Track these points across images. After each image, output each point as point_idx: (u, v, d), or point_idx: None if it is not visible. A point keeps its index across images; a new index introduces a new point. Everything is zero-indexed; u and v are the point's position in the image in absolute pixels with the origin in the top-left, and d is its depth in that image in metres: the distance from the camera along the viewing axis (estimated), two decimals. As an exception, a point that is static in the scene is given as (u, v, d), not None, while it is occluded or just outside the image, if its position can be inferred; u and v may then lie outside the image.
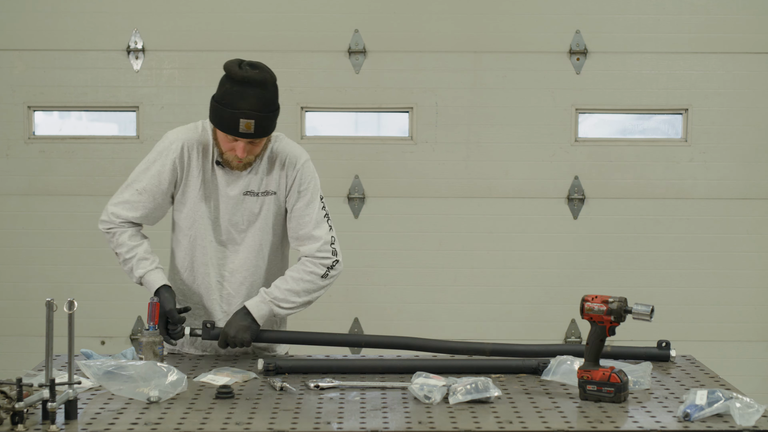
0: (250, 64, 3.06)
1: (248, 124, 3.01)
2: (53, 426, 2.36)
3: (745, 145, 5.57)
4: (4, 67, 5.54)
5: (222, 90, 3.06)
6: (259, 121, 3.03)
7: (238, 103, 3.01)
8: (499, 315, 5.59)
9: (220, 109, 3.04)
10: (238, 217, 3.23)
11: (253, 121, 3.01)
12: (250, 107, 3.01)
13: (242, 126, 3.01)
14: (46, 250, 5.59)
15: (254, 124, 3.02)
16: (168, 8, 5.52)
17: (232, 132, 3.04)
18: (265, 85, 3.04)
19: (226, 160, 3.14)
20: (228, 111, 3.02)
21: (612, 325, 2.71)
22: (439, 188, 5.58)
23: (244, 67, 3.04)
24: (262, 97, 3.02)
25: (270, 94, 3.06)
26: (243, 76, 3.00)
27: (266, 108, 3.04)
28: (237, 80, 3.01)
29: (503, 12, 5.54)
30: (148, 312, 3.08)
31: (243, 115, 3.00)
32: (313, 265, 3.23)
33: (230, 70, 3.04)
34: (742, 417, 2.45)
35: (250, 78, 3.01)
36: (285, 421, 2.50)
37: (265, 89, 3.04)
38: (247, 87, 3.01)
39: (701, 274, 5.60)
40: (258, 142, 3.11)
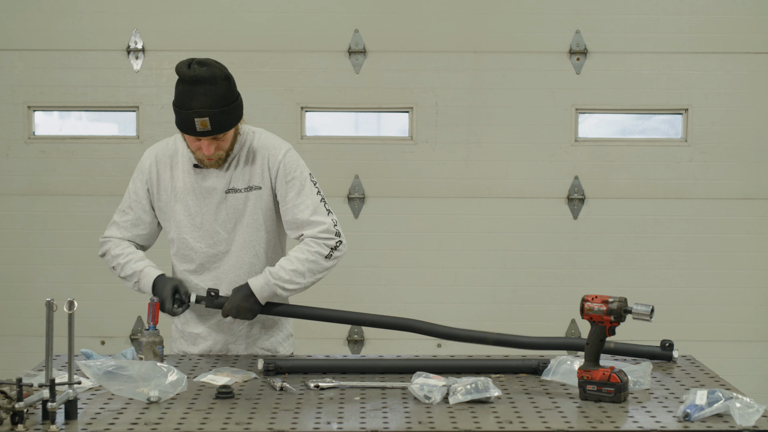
0: (199, 62, 3.06)
1: (203, 122, 3.02)
2: (53, 426, 2.36)
3: (745, 145, 5.57)
4: (4, 67, 5.54)
5: (176, 92, 3.08)
6: (214, 117, 3.03)
7: (190, 103, 3.02)
8: (499, 315, 5.59)
9: (177, 111, 3.07)
10: (223, 216, 3.23)
11: (207, 118, 3.02)
12: (202, 105, 3.01)
13: (198, 125, 3.03)
14: (46, 250, 5.59)
15: (209, 121, 3.02)
16: (168, 8, 5.52)
17: (191, 132, 3.06)
18: (215, 81, 3.03)
19: (199, 159, 3.17)
20: (183, 112, 3.04)
21: (612, 325, 2.71)
22: (439, 188, 5.58)
23: (193, 66, 3.04)
24: (212, 93, 3.03)
25: (221, 89, 3.05)
26: (191, 76, 3.01)
27: (219, 103, 3.04)
28: (186, 80, 3.03)
29: (503, 12, 5.54)
30: (148, 312, 3.09)
31: (196, 114, 3.02)
32: (316, 245, 3.19)
33: (179, 71, 3.05)
34: (742, 417, 2.45)
35: (198, 76, 3.01)
36: (285, 421, 2.50)
37: (214, 85, 3.03)
38: (197, 86, 3.02)
39: (701, 274, 5.60)
40: (223, 138, 3.11)
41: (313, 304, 5.81)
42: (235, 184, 3.22)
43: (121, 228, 3.30)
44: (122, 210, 3.31)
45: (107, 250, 3.30)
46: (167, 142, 3.31)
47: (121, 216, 3.30)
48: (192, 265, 3.27)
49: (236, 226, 3.24)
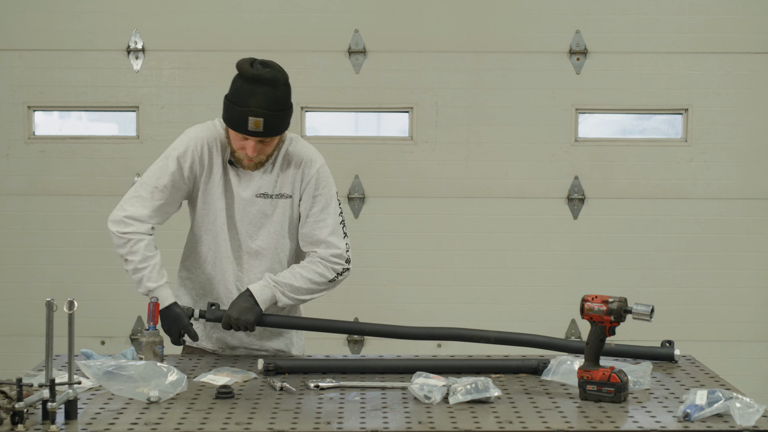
0: (262, 63, 3.06)
1: (257, 122, 3.00)
2: (53, 426, 2.36)
3: (745, 145, 5.57)
4: (4, 67, 5.54)
5: (233, 88, 3.05)
6: (268, 119, 3.01)
7: (247, 101, 3.00)
8: (499, 315, 5.59)
9: (230, 106, 3.04)
10: (249, 219, 3.21)
11: (262, 119, 3.00)
12: (259, 105, 3.00)
13: (251, 124, 3.00)
14: (46, 250, 5.59)
15: (263, 122, 3.00)
16: (168, 8, 5.52)
17: (241, 130, 3.03)
18: (276, 84, 3.03)
19: (238, 158, 3.13)
20: (238, 109, 3.01)
21: (612, 325, 2.71)
22: (439, 188, 5.58)
23: (256, 65, 3.04)
24: (271, 95, 3.01)
25: (280, 93, 3.04)
26: (254, 74, 3.00)
27: (276, 106, 3.02)
28: (248, 78, 3.01)
29: (503, 12, 5.54)
30: (148, 312, 3.09)
31: (252, 113, 2.99)
32: (324, 267, 3.23)
33: (242, 68, 3.03)
34: (742, 417, 2.45)
35: (260, 76, 3.00)
36: (285, 421, 2.50)
37: (275, 88, 3.03)
38: (257, 85, 3.00)
39: (701, 274, 5.60)
40: (268, 142, 3.09)
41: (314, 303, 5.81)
42: (266, 190, 3.20)
43: (147, 207, 3.12)
44: (155, 187, 3.13)
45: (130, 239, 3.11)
46: (213, 126, 3.20)
47: (152, 194, 3.12)
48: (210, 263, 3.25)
49: (260, 230, 3.22)
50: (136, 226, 3.11)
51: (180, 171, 3.14)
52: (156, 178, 3.14)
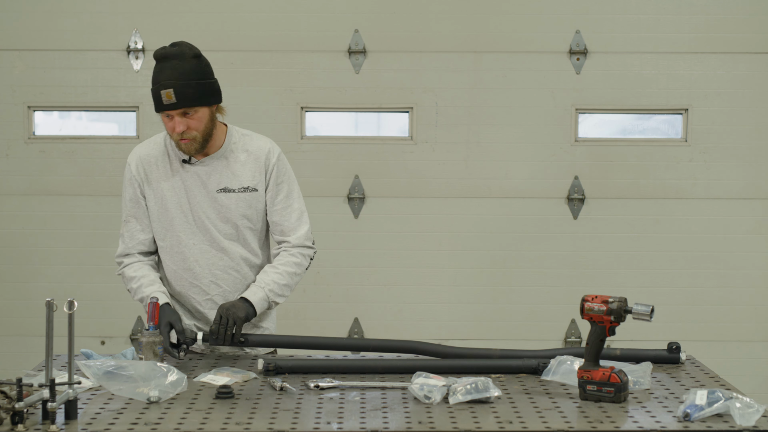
0: (172, 44, 3.21)
1: (168, 93, 3.11)
2: (53, 426, 2.36)
3: (745, 145, 5.57)
4: (4, 67, 5.54)
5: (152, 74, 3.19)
6: (179, 89, 3.11)
7: (157, 78, 3.14)
8: (499, 315, 5.59)
9: (151, 92, 3.17)
10: (214, 215, 3.26)
11: (172, 89, 3.11)
12: (168, 78, 3.12)
13: (164, 96, 3.12)
14: (46, 250, 5.59)
15: (174, 92, 3.10)
16: (168, 8, 5.52)
17: (159, 107, 3.15)
18: (182, 57, 3.16)
19: (179, 146, 3.20)
20: (152, 89, 3.15)
21: (612, 325, 2.71)
22: (439, 188, 5.58)
23: (166, 46, 3.19)
24: (178, 67, 3.13)
25: (188, 65, 3.15)
26: (161, 54, 3.16)
27: (184, 77, 3.13)
28: (157, 58, 3.17)
29: (503, 12, 5.54)
30: (148, 312, 3.09)
31: (162, 87, 3.12)
32: (301, 257, 3.33)
33: (154, 54, 3.19)
34: (742, 417, 2.45)
35: (166, 53, 3.15)
36: (285, 421, 2.50)
37: (182, 60, 3.15)
38: (165, 61, 3.14)
39: (701, 274, 5.60)
40: (193, 115, 3.16)
41: (313, 303, 5.85)
42: (227, 184, 3.26)
43: (126, 240, 3.32)
44: (124, 221, 3.33)
45: (122, 273, 3.33)
46: (153, 141, 3.34)
47: (123, 227, 3.33)
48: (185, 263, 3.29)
49: (230, 224, 3.28)
50: (125, 261, 3.32)
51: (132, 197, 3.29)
52: (123, 213, 3.33)
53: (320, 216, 5.50)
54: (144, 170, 3.28)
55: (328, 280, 5.60)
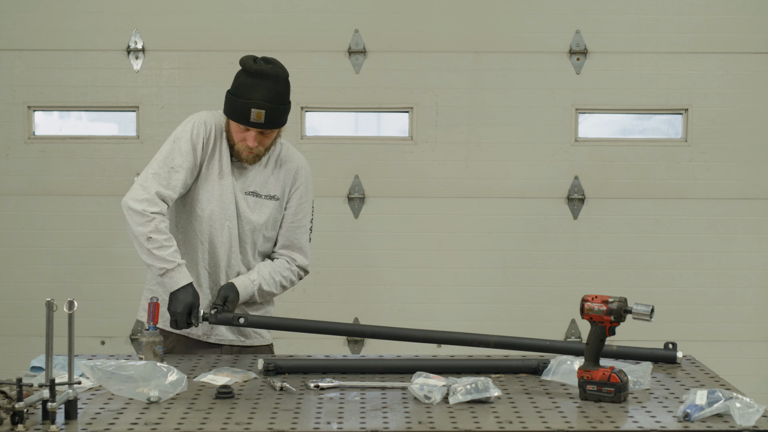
0: (265, 59, 3.25)
1: (259, 114, 3.15)
2: (53, 426, 2.36)
3: (745, 145, 5.57)
4: (4, 67, 5.54)
5: (237, 82, 3.22)
6: (270, 111, 3.17)
7: (250, 94, 3.16)
8: (499, 315, 5.59)
9: (233, 99, 3.19)
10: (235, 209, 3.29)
11: (264, 111, 3.15)
12: (262, 98, 3.15)
13: (253, 115, 3.16)
14: (46, 250, 5.59)
15: (264, 114, 3.16)
16: (168, 8, 5.52)
17: (244, 121, 3.17)
18: (278, 79, 3.20)
19: (237, 151, 3.25)
20: (240, 101, 3.17)
21: (612, 325, 2.71)
22: (439, 188, 5.58)
23: (259, 61, 3.22)
24: (273, 89, 3.18)
25: (281, 87, 3.21)
26: (257, 69, 3.18)
27: (277, 100, 3.18)
28: (251, 73, 3.18)
29: (503, 12, 5.54)
30: (148, 312, 3.08)
31: (254, 105, 3.15)
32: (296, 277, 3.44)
33: (245, 63, 3.22)
34: (742, 417, 2.45)
35: (263, 71, 3.18)
36: (285, 421, 2.50)
37: (277, 82, 3.20)
38: (260, 79, 3.17)
39: (701, 274, 5.60)
40: (268, 134, 3.23)
41: (314, 303, 5.85)
42: (255, 188, 3.32)
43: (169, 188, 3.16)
44: (171, 168, 3.17)
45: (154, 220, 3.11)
46: (215, 115, 3.30)
47: (169, 173, 3.17)
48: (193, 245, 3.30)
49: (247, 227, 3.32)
50: (161, 206, 3.15)
51: (194, 152, 3.22)
52: (171, 158, 3.19)
53: (320, 216, 5.48)
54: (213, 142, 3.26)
55: (328, 280, 5.60)
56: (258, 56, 3.26)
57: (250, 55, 3.25)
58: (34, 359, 3.00)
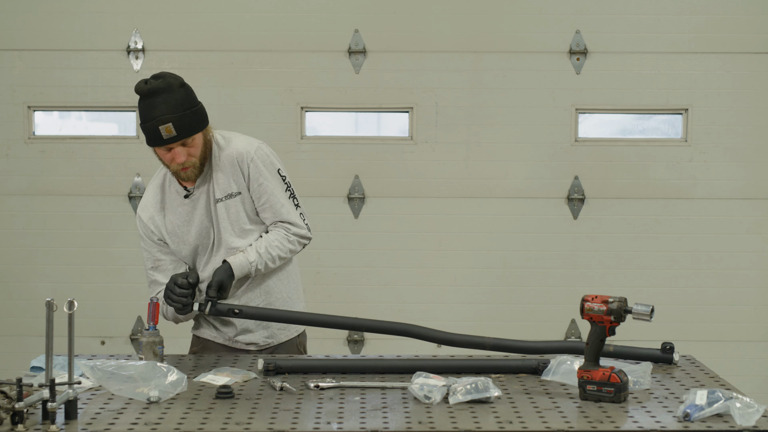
0: (154, 76, 3.16)
1: (168, 128, 3.10)
2: (53, 426, 2.36)
3: (745, 145, 5.57)
4: (4, 67, 5.54)
5: (139, 110, 3.16)
6: (177, 121, 3.10)
7: (152, 114, 3.11)
8: (499, 315, 5.59)
9: (144, 128, 3.14)
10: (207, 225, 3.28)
11: (171, 123, 3.09)
12: (162, 113, 3.10)
13: (163, 132, 3.10)
14: (46, 250, 5.59)
15: (173, 125, 3.10)
16: (168, 8, 5.52)
17: (158, 142, 3.13)
18: (171, 90, 3.13)
19: (176, 175, 3.21)
20: (147, 125, 3.12)
21: (612, 325, 2.71)
22: (439, 188, 5.58)
23: (149, 80, 3.15)
24: (170, 100, 3.11)
25: (179, 95, 3.13)
26: (148, 89, 3.12)
27: (179, 108, 3.11)
28: (144, 95, 3.13)
29: (503, 12, 5.54)
30: (148, 312, 3.08)
31: (159, 122, 3.10)
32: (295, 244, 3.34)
33: (137, 89, 3.15)
34: (742, 417, 2.45)
35: (153, 88, 3.11)
36: (285, 421, 2.50)
37: (171, 93, 3.12)
38: (154, 97, 3.11)
39: (701, 274, 5.60)
40: (192, 143, 3.16)
41: (314, 303, 5.84)
42: (216, 194, 3.27)
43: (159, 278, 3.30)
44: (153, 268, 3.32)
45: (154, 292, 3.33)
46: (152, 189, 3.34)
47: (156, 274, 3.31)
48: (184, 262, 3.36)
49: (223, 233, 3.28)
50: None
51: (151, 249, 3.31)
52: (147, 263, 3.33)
53: (320, 216, 5.50)
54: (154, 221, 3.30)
55: (328, 280, 5.60)
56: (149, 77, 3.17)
57: (142, 79, 3.17)
58: (34, 359, 3.00)
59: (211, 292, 3.15)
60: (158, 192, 3.33)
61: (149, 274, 3.33)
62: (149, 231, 3.31)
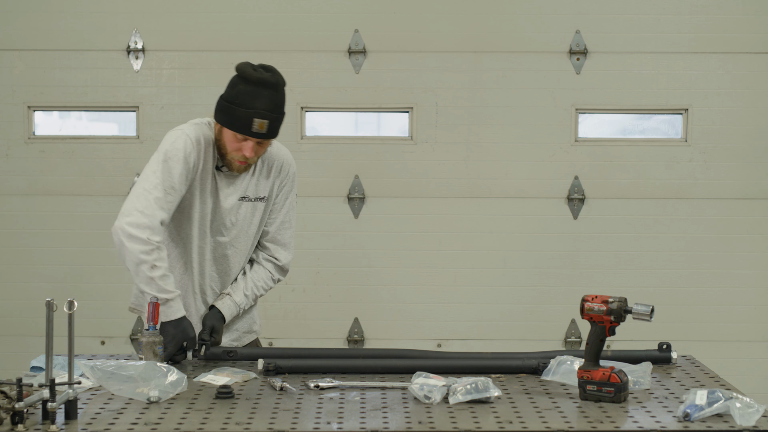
0: (263, 67, 3.12)
1: (261, 124, 3.06)
2: (53, 426, 2.36)
3: (745, 145, 5.57)
4: (4, 67, 5.54)
5: (234, 90, 3.08)
6: (272, 121, 3.08)
7: (252, 103, 3.05)
8: (499, 315, 5.59)
9: (232, 109, 3.06)
10: (229, 222, 3.26)
11: (267, 121, 3.06)
12: (264, 107, 3.06)
13: (255, 125, 3.05)
14: (46, 250, 5.59)
15: (267, 124, 3.07)
16: (168, 8, 5.52)
17: (245, 131, 3.07)
18: (277, 87, 3.10)
19: (229, 161, 3.15)
20: (242, 110, 3.05)
21: (612, 325, 2.71)
22: (439, 188, 5.58)
23: (258, 69, 3.10)
24: (274, 98, 3.09)
25: (281, 96, 3.12)
26: (258, 78, 3.06)
27: (278, 109, 3.11)
28: (252, 81, 3.06)
29: (503, 12, 5.54)
30: (148, 312, 3.08)
31: (257, 115, 3.05)
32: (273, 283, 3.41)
33: (245, 71, 3.08)
34: (742, 417, 2.45)
35: (264, 79, 3.07)
36: (285, 421, 2.50)
37: (276, 91, 3.10)
38: (261, 88, 3.06)
39: (701, 274, 5.60)
40: (265, 144, 3.15)
41: (313, 303, 5.85)
42: (248, 193, 3.27)
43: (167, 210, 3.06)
44: (165, 189, 3.06)
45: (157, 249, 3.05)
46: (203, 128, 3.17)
47: (165, 195, 3.06)
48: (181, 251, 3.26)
49: (240, 233, 3.29)
50: (162, 233, 3.09)
51: (186, 172, 3.10)
52: (168, 180, 3.08)
53: (320, 216, 5.51)
54: (203, 161, 3.14)
55: (328, 280, 5.60)
56: (255, 63, 3.12)
57: (248, 63, 3.10)
58: (34, 359, 3.00)
59: (204, 335, 3.17)
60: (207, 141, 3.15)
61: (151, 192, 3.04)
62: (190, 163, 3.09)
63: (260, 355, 3.13)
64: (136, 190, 3.09)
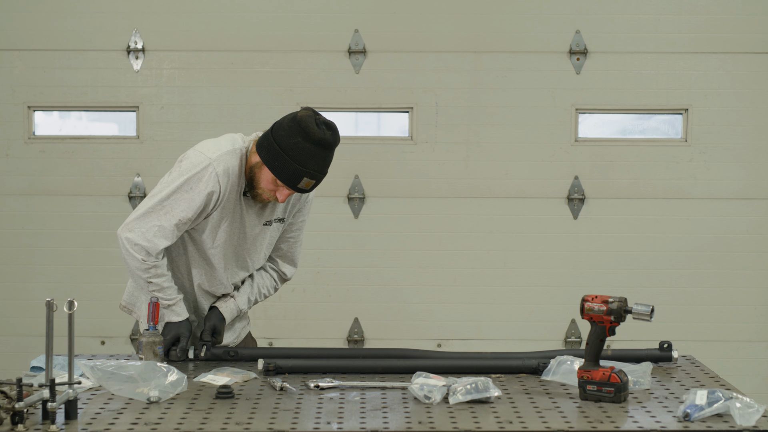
0: (326, 124, 3.01)
1: (309, 183, 3.01)
2: (53, 426, 2.36)
3: (745, 145, 5.57)
4: (4, 67, 5.54)
5: (291, 141, 2.96)
6: (318, 181, 3.03)
7: (306, 162, 2.97)
8: (499, 315, 5.59)
9: (283, 158, 2.96)
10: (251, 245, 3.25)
11: (315, 181, 3.01)
12: (318, 169, 2.99)
13: (302, 183, 3.00)
14: (46, 250, 5.59)
15: (314, 183, 3.02)
16: (168, 8, 5.52)
17: (291, 185, 3.00)
18: (333, 148, 3.02)
19: (257, 194, 3.09)
20: (294, 165, 2.96)
21: (612, 325, 2.71)
22: (439, 188, 5.58)
23: (322, 127, 2.98)
24: (328, 159, 3.02)
25: (332, 156, 3.04)
26: (320, 138, 2.96)
27: (327, 169, 3.04)
28: (313, 140, 2.95)
29: (503, 12, 5.54)
30: (148, 312, 3.09)
31: (308, 175, 2.98)
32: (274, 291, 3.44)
33: (308, 127, 2.96)
34: (742, 417, 2.45)
35: (326, 141, 2.97)
36: (285, 421, 2.50)
37: (332, 152, 3.02)
38: (320, 149, 2.97)
39: (701, 274, 5.60)
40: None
41: (313, 303, 5.85)
42: (268, 217, 3.24)
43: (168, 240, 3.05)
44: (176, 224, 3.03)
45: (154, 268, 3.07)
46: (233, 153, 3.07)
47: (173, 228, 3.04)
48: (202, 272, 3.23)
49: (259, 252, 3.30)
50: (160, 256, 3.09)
51: (205, 206, 3.05)
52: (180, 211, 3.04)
53: (320, 216, 5.50)
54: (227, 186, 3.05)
55: (328, 280, 5.60)
56: (317, 114, 3.00)
57: (311, 114, 2.97)
58: (34, 359, 3.00)
59: (205, 336, 3.18)
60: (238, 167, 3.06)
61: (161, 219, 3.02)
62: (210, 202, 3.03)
63: (260, 355, 3.14)
64: (149, 204, 3.05)
